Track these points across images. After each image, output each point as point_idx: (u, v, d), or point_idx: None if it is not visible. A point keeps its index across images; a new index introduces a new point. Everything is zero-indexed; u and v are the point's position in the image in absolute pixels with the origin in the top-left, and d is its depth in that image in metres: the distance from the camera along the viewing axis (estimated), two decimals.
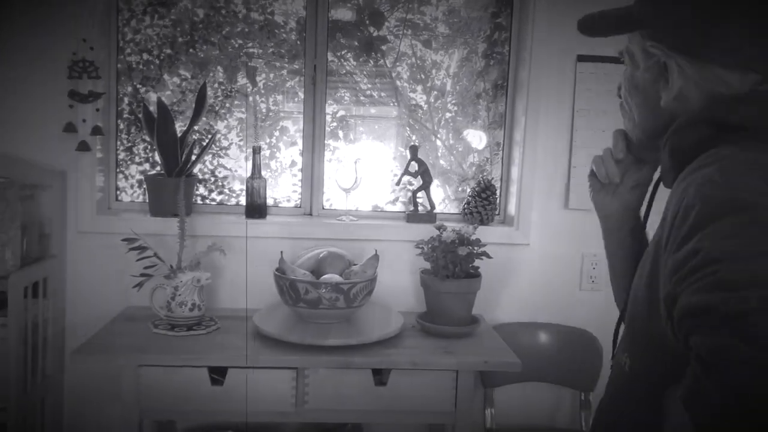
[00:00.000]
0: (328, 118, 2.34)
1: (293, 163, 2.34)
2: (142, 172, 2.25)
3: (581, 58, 2.15)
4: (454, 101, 2.52)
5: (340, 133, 2.43)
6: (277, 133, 2.38)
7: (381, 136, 2.50)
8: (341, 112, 2.41)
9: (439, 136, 2.53)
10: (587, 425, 2.17)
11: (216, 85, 2.29)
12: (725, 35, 0.76)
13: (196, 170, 2.21)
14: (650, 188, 1.01)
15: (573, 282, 2.23)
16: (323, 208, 2.31)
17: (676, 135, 0.80)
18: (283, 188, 2.35)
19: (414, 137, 2.49)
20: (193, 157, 2.15)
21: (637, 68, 0.87)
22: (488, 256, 1.94)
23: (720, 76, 0.78)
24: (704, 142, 0.77)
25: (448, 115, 2.54)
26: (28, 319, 1.87)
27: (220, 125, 2.31)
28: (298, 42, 2.29)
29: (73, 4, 2.01)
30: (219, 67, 2.29)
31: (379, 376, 1.77)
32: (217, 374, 1.73)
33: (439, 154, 2.57)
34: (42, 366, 1.97)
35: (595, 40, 2.09)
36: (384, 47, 2.43)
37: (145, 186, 2.18)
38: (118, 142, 2.23)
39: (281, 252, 1.92)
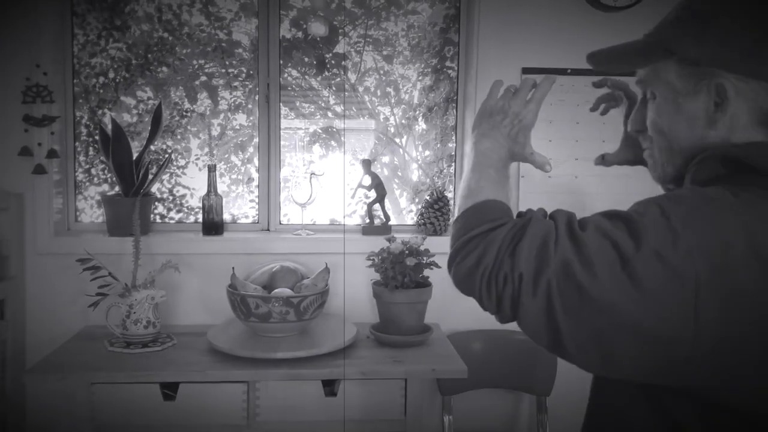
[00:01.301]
0: (302, 133, 2.39)
1: (250, 180, 2.38)
2: (100, 193, 2.29)
3: (526, 71, 2.21)
4: (420, 114, 2.57)
5: (315, 148, 2.47)
6: (233, 149, 2.42)
7: (357, 149, 2.54)
8: (313, 128, 2.46)
9: (408, 149, 2.58)
10: (544, 429, 2.21)
11: (172, 106, 2.33)
12: None
13: (153, 189, 2.25)
14: None
15: None
16: (280, 223, 2.35)
17: (700, 165, 0.82)
18: (241, 204, 2.39)
19: (383, 150, 2.54)
20: (150, 177, 2.18)
21: (678, 94, 0.85)
22: (437, 266, 1.99)
23: None
24: (721, 178, 0.79)
25: (417, 127, 2.59)
26: None
27: (183, 145, 2.35)
28: (253, 60, 2.34)
29: (27, 30, 2.06)
30: (177, 88, 2.33)
31: (330, 386, 1.81)
32: (170, 389, 1.76)
33: (414, 167, 2.62)
34: (2, 386, 1.99)
35: (537, 53, 2.17)
36: (344, 63, 2.48)
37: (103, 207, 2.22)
38: (77, 164, 2.27)
39: (233, 268, 1.96)
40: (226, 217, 2.30)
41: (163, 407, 1.75)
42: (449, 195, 2.35)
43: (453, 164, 2.39)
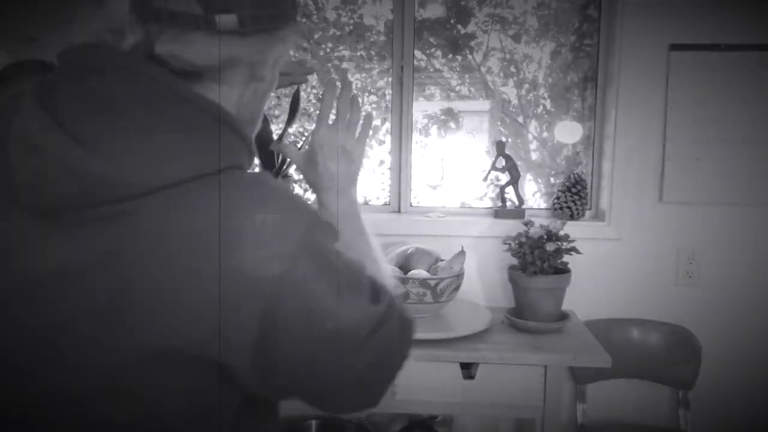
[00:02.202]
0: (420, 115, 2.39)
1: (381, 162, 2.40)
2: None
3: (674, 47, 2.08)
4: (546, 94, 2.51)
5: (432, 130, 2.47)
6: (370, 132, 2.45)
7: (473, 129, 2.52)
8: (431, 109, 2.46)
9: (532, 130, 2.52)
10: (687, 424, 2.11)
11: (309, 89, 2.39)
12: None
13: (291, 171, 2.32)
14: None
15: (668, 277, 2.17)
16: (411, 206, 2.36)
17: None
18: (373, 186, 2.42)
19: (506, 131, 2.50)
20: (288, 159, 2.25)
21: None
22: (577, 252, 1.93)
23: None
24: None
25: (539, 108, 2.53)
26: None
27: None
28: (386, 43, 2.36)
29: None
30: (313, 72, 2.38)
31: (468, 369, 1.81)
32: None
33: (533, 147, 2.57)
34: None
35: (688, 28, 2.04)
36: (472, 43, 2.45)
37: None
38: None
39: None
40: (358, 198, 2.33)
41: None
42: (587, 178, 2.27)
43: (592, 146, 2.30)
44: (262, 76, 0.79)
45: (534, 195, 2.44)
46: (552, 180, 2.43)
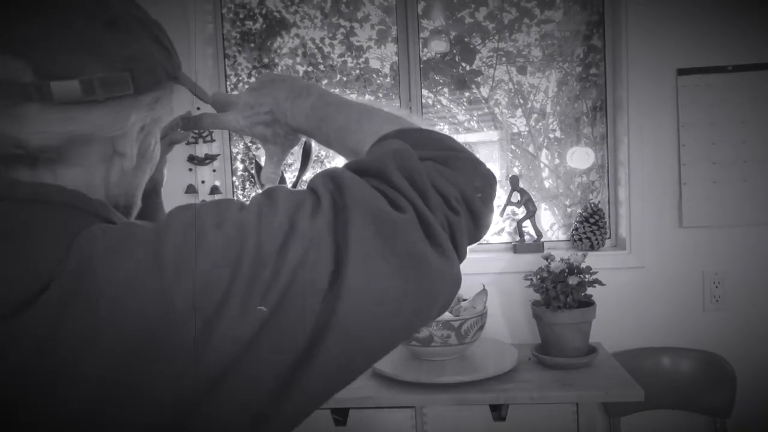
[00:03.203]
0: None
1: None
2: None
3: (681, 72, 2.08)
4: (555, 123, 2.51)
5: None
6: None
7: (485, 161, 2.52)
8: None
9: (543, 158, 2.52)
10: None
11: None
12: None
13: None
14: None
15: (695, 303, 2.13)
16: None
17: None
18: None
19: (517, 162, 2.50)
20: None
21: None
22: (600, 284, 1.90)
23: None
24: None
25: (550, 136, 2.53)
26: None
27: None
28: (393, 85, 2.38)
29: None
30: None
31: (498, 411, 1.77)
32: (339, 414, 1.80)
33: (545, 176, 2.56)
34: None
35: (694, 51, 2.04)
36: (478, 78, 2.47)
37: None
38: (235, 198, 2.39)
39: None
40: None
41: None
42: (604, 207, 2.25)
43: (606, 174, 2.29)
44: (124, 152, 0.64)
45: (552, 227, 2.42)
46: (568, 210, 2.41)
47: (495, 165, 2.49)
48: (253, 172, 2.33)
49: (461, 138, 2.50)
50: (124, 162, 0.64)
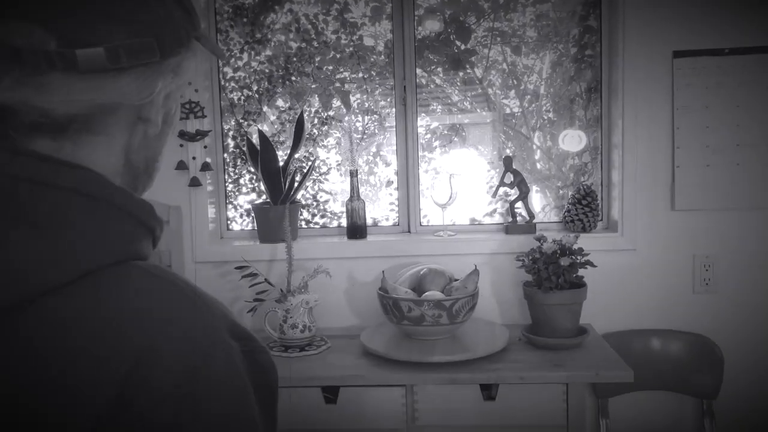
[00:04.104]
0: (422, 130, 2.38)
1: (389, 183, 2.39)
2: (249, 202, 2.38)
3: (677, 54, 2.07)
4: (548, 104, 2.49)
5: (436, 145, 2.46)
6: (374, 149, 2.44)
7: (476, 143, 2.51)
8: (434, 124, 2.45)
9: (536, 140, 2.51)
10: None
11: (312, 113, 2.39)
12: None
13: (299, 196, 2.31)
14: None
15: (685, 285, 2.14)
16: (421, 225, 2.34)
17: None
18: (382, 207, 2.41)
19: (510, 144, 2.49)
20: (296, 184, 2.24)
21: None
22: (592, 265, 1.91)
23: None
24: None
25: (544, 117, 2.52)
26: None
27: (319, 151, 2.41)
28: (388, 63, 2.35)
29: None
30: (315, 96, 2.38)
31: (488, 390, 1.78)
32: (330, 393, 1.80)
33: (537, 157, 2.55)
34: None
35: (691, 33, 2.03)
36: (473, 58, 2.45)
37: (252, 215, 2.30)
38: (226, 175, 2.37)
39: (383, 271, 1.98)
40: (368, 220, 2.32)
41: (324, 410, 1.79)
42: (597, 189, 2.25)
43: (599, 156, 2.28)
44: (149, 118, 0.63)
45: (544, 209, 2.42)
46: (560, 192, 2.41)
47: (487, 146, 2.48)
48: (244, 149, 2.31)
49: (454, 119, 2.49)
50: (148, 128, 0.64)
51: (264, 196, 2.32)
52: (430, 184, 2.32)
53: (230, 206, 2.39)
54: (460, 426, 1.78)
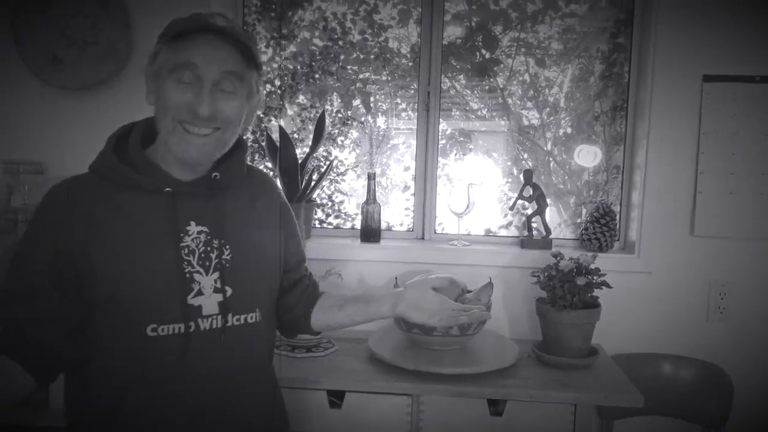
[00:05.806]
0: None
1: (406, 188, 2.37)
2: None
3: (707, 78, 2.04)
4: (567, 118, 2.47)
5: (452, 151, 2.44)
6: (388, 152, 2.42)
7: (491, 150, 2.48)
8: (449, 130, 2.43)
9: (552, 154, 2.49)
10: None
11: (333, 113, 2.37)
12: None
13: (314, 195, 2.30)
14: None
15: (699, 312, 2.12)
16: (435, 233, 2.32)
17: None
18: (393, 210, 2.39)
19: (525, 155, 2.46)
20: (313, 183, 2.23)
21: None
22: (608, 286, 1.88)
23: None
24: None
25: (561, 132, 2.49)
26: None
27: (337, 152, 2.39)
28: (411, 68, 2.33)
29: None
30: (335, 95, 2.37)
31: (495, 406, 1.76)
32: (335, 397, 1.78)
33: (551, 169, 2.52)
34: None
35: (722, 58, 2.00)
36: (496, 68, 2.43)
37: None
38: None
39: (396, 277, 1.96)
40: (381, 224, 2.30)
41: (329, 414, 1.77)
42: (615, 209, 2.23)
43: (621, 176, 2.26)
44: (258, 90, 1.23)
45: (559, 225, 2.40)
46: (575, 209, 2.38)
47: (502, 155, 2.46)
48: (263, 144, 2.29)
49: (470, 125, 2.47)
50: (252, 102, 1.26)
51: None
52: (446, 192, 2.30)
53: None
54: None
